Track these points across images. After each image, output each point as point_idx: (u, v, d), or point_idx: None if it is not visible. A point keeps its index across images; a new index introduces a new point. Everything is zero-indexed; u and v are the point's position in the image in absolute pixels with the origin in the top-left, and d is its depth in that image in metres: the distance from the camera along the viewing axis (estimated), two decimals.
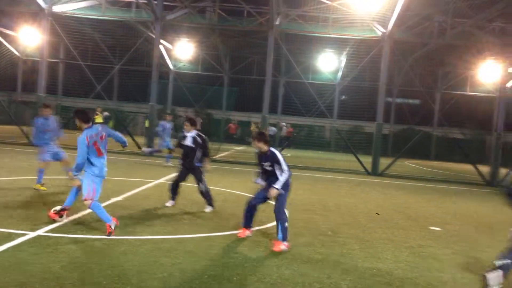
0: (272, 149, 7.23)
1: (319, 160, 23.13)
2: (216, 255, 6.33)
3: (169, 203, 9.57)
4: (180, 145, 9.52)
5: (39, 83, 21.05)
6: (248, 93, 35.40)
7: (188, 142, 9.36)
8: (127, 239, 6.75)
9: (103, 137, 7.19)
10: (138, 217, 8.29)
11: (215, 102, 37.06)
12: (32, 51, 33.78)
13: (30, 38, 30.03)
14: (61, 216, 7.31)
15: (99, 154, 7.06)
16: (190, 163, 9.35)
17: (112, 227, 6.83)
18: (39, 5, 20.56)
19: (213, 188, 12.35)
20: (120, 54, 33.09)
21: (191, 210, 9.27)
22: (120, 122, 29.43)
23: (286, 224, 7.02)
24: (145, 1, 21.81)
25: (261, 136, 7.28)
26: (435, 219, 10.53)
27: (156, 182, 12.68)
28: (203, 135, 9.48)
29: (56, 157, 10.48)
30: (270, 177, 7.23)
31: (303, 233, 8.06)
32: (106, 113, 33.22)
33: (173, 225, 7.86)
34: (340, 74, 36.57)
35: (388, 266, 6.49)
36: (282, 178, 7.07)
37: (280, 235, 6.97)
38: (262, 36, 25.66)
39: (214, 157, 20.47)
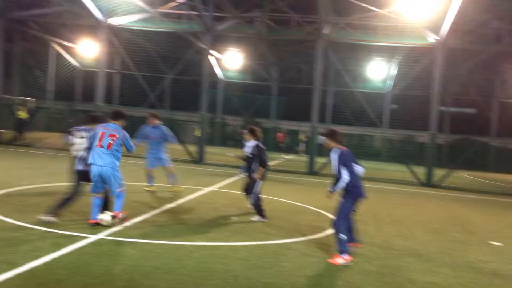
0: (335, 149, 6.88)
1: (370, 170, 22.61)
2: (269, 263, 6.35)
3: (255, 218, 9.35)
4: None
5: (97, 93, 21.93)
6: (297, 102, 35.40)
7: (247, 151, 9.50)
8: (182, 244, 6.90)
9: (114, 136, 7.51)
10: (192, 223, 8.46)
11: (264, 111, 37.28)
12: (90, 62, 35.28)
13: (88, 50, 31.44)
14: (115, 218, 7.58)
15: (98, 144, 7.46)
16: (249, 173, 9.46)
17: None
18: (96, 18, 21.46)
19: (263, 196, 12.42)
20: (172, 64, 33.97)
21: (243, 218, 9.34)
22: (172, 131, 30.13)
23: (341, 235, 6.73)
24: (196, 13, 22.33)
25: (329, 132, 7.07)
26: (495, 233, 10.10)
27: (208, 189, 12.89)
28: (261, 145, 9.46)
29: (159, 164, 11.56)
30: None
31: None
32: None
33: (226, 232, 7.96)
34: (390, 82, 35.92)
35: (446, 282, 6.28)
36: (339, 182, 6.85)
37: (337, 247, 6.78)
38: (310, 45, 25.65)
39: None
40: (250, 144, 9.43)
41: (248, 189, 9.46)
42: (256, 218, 9.33)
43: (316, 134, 21.29)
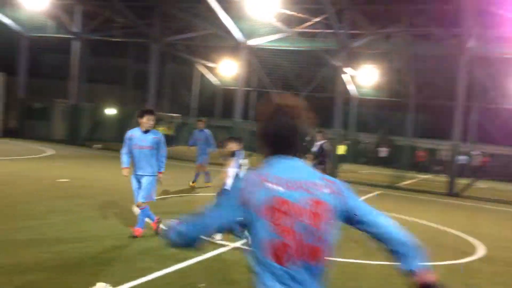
0: None
1: None
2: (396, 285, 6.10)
3: None
4: None
5: (236, 110, 23.21)
6: (436, 120, 33.54)
7: (314, 149, 11.47)
8: None
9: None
10: None
11: (399, 128, 35.97)
12: (229, 80, 37.54)
13: (228, 69, 33.53)
14: None
15: None
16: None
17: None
18: (237, 40, 22.82)
19: (397, 216, 11.98)
20: (306, 81, 34.56)
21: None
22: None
23: None
24: (331, 31, 22.53)
25: None
26: None
27: None
28: (325, 146, 11.54)
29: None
30: None
31: (502, 273, 7.27)
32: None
33: (360, 250, 7.84)
34: None
35: None
36: None
37: None
38: (452, 59, 24.21)
39: (398, 184, 19.82)
40: (318, 143, 11.22)
41: None
42: None
43: (457, 153, 19.93)
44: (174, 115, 35.88)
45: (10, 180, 11.48)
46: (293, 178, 2.08)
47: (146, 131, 7.23)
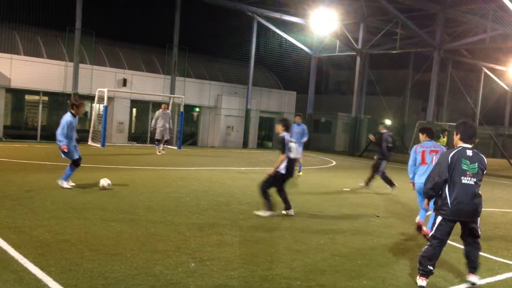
0: None
1: None
2: None
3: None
4: None
5: None
6: None
7: None
8: None
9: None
10: None
11: None
12: None
13: None
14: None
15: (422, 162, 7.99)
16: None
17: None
18: None
19: None
20: None
21: None
22: None
23: None
24: None
25: None
26: None
27: None
28: (386, 135, 12.80)
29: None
30: None
31: None
32: None
33: None
34: None
35: None
36: None
37: None
38: None
39: None
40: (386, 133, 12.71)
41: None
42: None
43: None
44: (455, 124, 33.76)
45: (315, 188, 13.01)
46: None
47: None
